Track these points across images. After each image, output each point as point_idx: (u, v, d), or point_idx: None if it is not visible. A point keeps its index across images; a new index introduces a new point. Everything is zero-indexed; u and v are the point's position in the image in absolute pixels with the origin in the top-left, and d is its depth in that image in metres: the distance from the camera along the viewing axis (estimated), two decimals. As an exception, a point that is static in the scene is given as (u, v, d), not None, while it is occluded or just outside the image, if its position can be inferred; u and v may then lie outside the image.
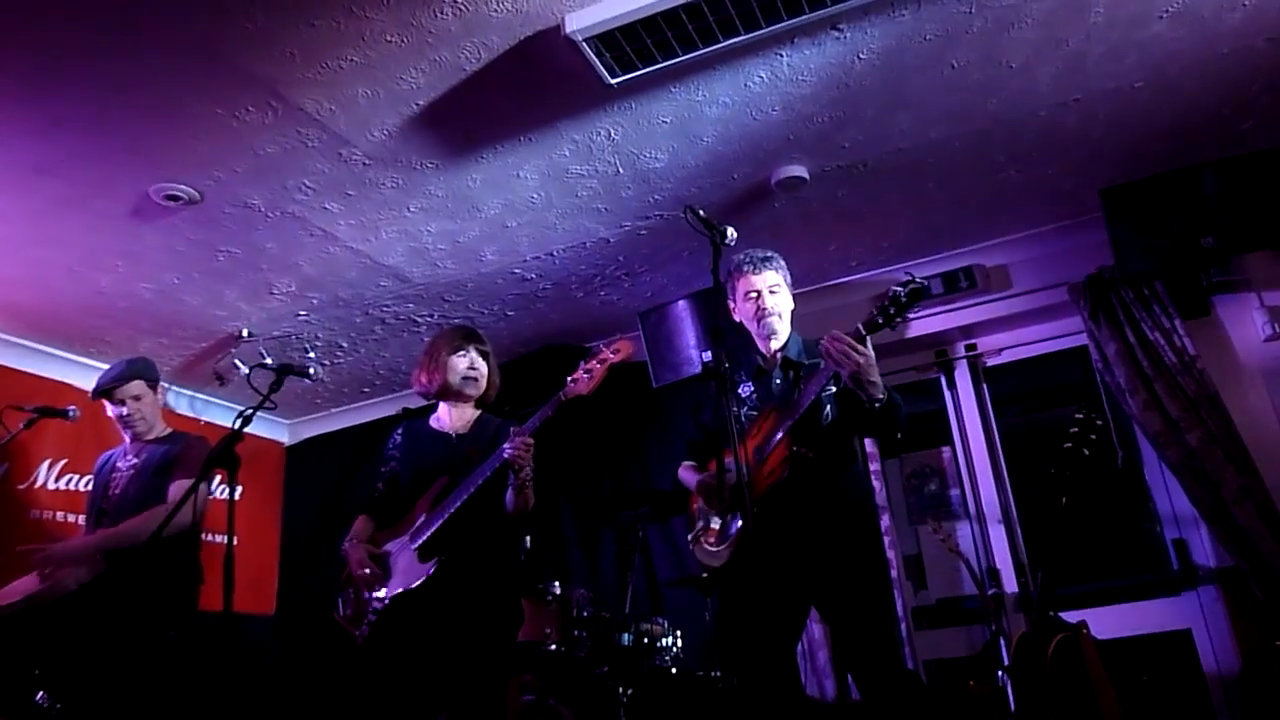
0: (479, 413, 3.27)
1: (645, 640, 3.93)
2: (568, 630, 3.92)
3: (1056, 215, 4.54)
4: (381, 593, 2.97)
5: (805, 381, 2.85)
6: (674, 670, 3.86)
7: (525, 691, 3.82)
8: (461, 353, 3.20)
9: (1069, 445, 3.56)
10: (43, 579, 3.43)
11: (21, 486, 4.82)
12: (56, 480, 4.96)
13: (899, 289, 2.58)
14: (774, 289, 3.05)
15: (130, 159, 3.51)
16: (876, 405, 2.70)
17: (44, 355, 5.06)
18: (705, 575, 4.15)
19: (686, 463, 3.21)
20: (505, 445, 2.88)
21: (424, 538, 2.96)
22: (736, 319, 3.13)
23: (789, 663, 2.83)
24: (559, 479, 5.48)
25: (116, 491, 3.64)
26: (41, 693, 3.21)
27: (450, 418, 3.23)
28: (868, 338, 2.65)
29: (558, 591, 4.00)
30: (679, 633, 4.11)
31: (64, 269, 4.29)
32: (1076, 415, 3.60)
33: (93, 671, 3.29)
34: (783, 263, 3.10)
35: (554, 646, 3.86)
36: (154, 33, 2.91)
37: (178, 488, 3.54)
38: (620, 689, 3.72)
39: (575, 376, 2.87)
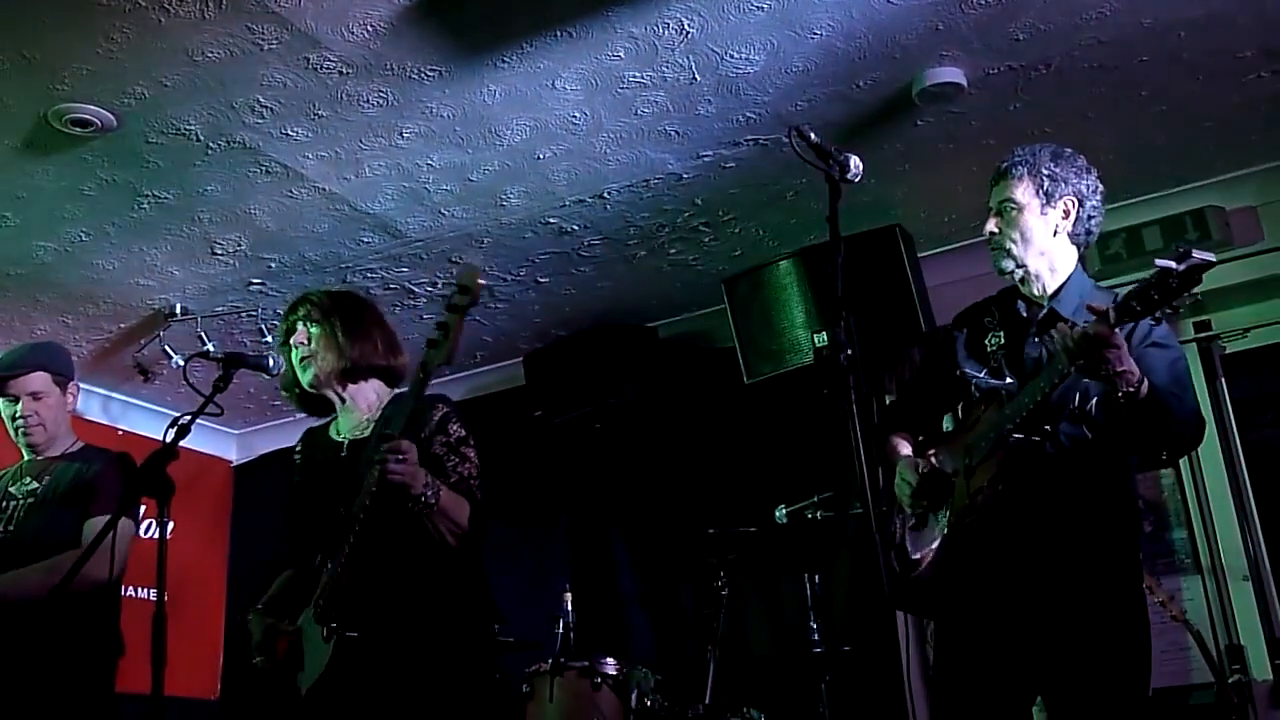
0: (385, 398, 3.13)
1: (735, 740, 3.93)
2: (625, 725, 3.94)
3: (1330, 136, 4.46)
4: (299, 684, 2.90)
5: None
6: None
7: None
8: (291, 336, 3.10)
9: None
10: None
11: None
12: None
13: (1173, 265, 2.38)
14: (1004, 207, 2.94)
15: (19, 72, 3.55)
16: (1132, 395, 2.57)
17: (-96, 342, 5.16)
18: (813, 652, 4.14)
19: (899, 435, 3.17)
20: (377, 464, 2.71)
21: (318, 605, 2.86)
22: None
23: None
24: (612, 514, 5.50)
25: (10, 527, 3.72)
26: None
27: (341, 417, 3.16)
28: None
29: (611, 671, 4.02)
30: (783, 730, 4.12)
31: (-66, 223, 4.40)
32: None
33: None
34: (1042, 165, 2.93)
35: (606, 747, 3.90)
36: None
37: (97, 527, 3.56)
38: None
39: (431, 338, 2.73)
